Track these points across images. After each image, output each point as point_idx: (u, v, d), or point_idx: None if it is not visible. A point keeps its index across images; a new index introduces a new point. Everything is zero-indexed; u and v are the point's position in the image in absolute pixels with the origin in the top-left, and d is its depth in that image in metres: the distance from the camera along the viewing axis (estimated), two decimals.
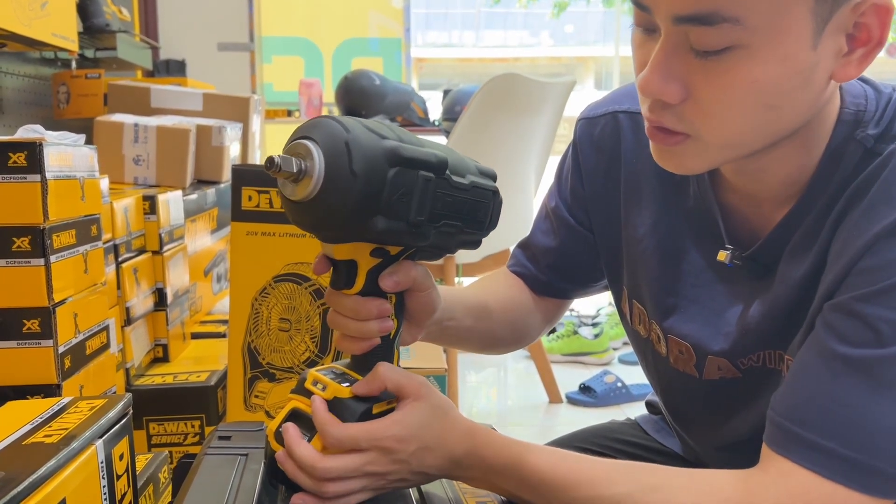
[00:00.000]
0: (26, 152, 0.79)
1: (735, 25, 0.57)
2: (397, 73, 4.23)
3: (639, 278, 0.84)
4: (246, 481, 0.64)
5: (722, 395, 0.79)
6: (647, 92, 0.63)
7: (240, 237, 0.92)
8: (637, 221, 0.83)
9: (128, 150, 1.56)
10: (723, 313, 0.76)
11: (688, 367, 0.80)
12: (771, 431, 0.64)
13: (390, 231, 0.56)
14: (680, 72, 0.61)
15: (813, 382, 0.62)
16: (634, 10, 0.63)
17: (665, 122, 0.64)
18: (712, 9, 0.57)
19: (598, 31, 13.80)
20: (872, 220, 0.61)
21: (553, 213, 0.92)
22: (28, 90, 2.09)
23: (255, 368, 0.93)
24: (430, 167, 0.58)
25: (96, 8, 2.10)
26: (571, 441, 0.99)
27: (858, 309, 0.60)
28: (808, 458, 0.60)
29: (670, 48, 0.61)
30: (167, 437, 1.10)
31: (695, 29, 0.59)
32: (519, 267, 0.96)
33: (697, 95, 0.62)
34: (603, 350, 2.89)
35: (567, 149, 0.92)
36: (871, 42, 0.61)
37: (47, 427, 0.61)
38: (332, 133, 0.53)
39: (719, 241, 0.75)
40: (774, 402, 0.65)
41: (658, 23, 0.61)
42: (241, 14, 3.53)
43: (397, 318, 0.65)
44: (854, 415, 0.59)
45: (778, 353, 0.73)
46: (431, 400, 0.64)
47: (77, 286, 0.87)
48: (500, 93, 2.13)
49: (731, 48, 0.59)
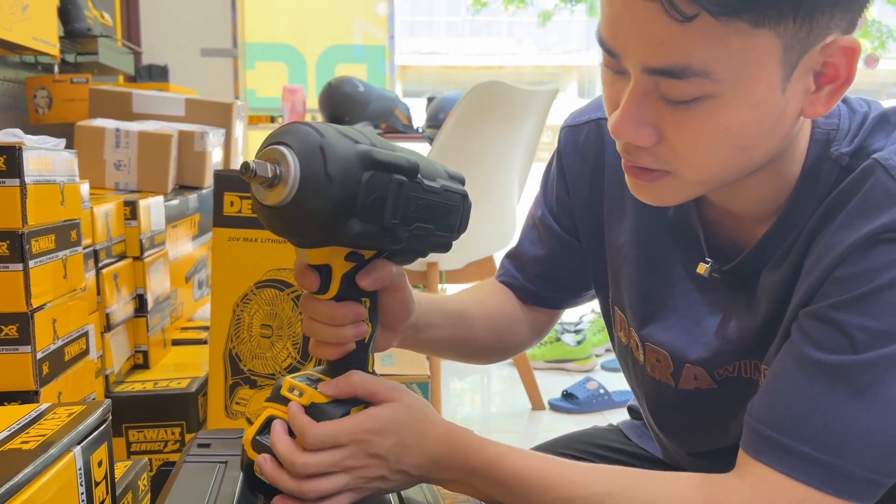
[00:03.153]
0: (5, 156, 0.78)
1: (705, 79, 0.57)
2: (381, 79, 4.23)
3: (620, 286, 0.84)
4: (225, 489, 0.64)
5: (698, 405, 0.79)
6: (619, 136, 0.64)
7: (222, 243, 0.92)
8: (619, 229, 0.83)
9: (109, 155, 1.55)
10: (701, 323, 0.77)
11: (664, 376, 0.81)
12: (747, 436, 0.65)
13: (365, 234, 0.56)
14: (651, 117, 0.62)
15: (789, 388, 0.62)
16: (603, 53, 0.63)
17: (641, 162, 0.65)
18: (683, 63, 0.57)
19: (581, 39, 13.89)
20: (849, 231, 0.62)
21: (540, 222, 0.92)
22: (8, 94, 2.08)
23: (236, 375, 0.93)
24: (403, 171, 0.58)
25: (77, 12, 2.08)
26: (554, 447, 0.99)
27: (833, 316, 0.61)
28: (783, 462, 0.61)
29: (640, 94, 0.61)
30: (147, 445, 1.09)
31: (665, 80, 0.59)
32: (507, 277, 0.95)
33: (669, 139, 0.62)
34: (585, 357, 2.89)
35: (552, 157, 0.92)
36: (838, 80, 0.61)
37: (24, 433, 0.60)
38: (306, 138, 0.53)
39: (699, 253, 0.76)
40: (751, 408, 0.65)
41: (628, 69, 0.61)
42: (225, 20, 3.53)
43: (371, 322, 0.65)
44: (828, 419, 0.60)
45: (754, 363, 0.74)
46: (406, 400, 0.64)
47: (56, 292, 0.86)
48: (483, 100, 2.13)
49: (702, 98, 0.59)
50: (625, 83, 0.62)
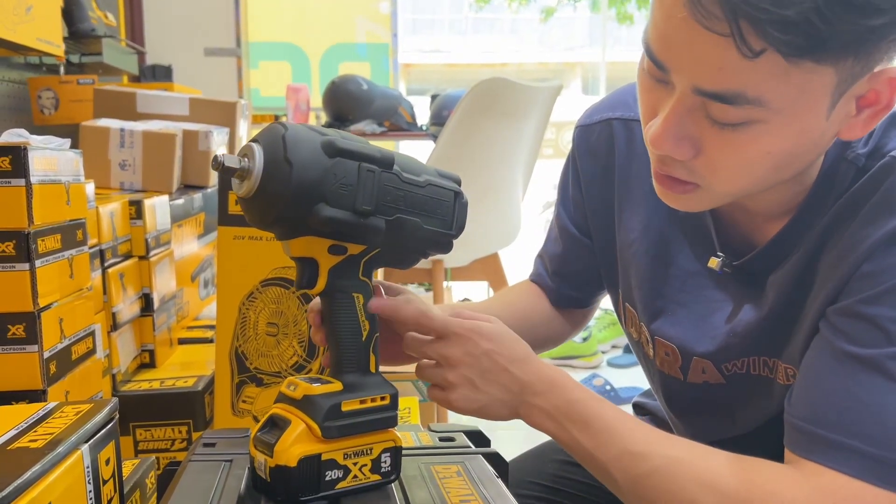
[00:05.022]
0: (10, 156, 0.79)
1: (757, 107, 0.57)
2: (385, 78, 4.23)
3: (630, 281, 0.85)
4: (230, 486, 0.64)
5: (706, 399, 0.79)
6: (657, 148, 0.63)
7: (227, 241, 0.92)
8: (629, 225, 0.84)
9: (114, 155, 1.55)
10: (710, 317, 0.77)
11: (673, 370, 0.81)
12: (792, 436, 0.64)
13: (337, 220, 0.58)
14: (692, 132, 0.62)
15: (828, 384, 0.62)
16: (647, 59, 0.62)
17: (675, 173, 0.65)
18: (738, 90, 0.57)
19: (584, 36, 13.86)
20: (873, 227, 0.62)
21: (557, 220, 0.96)
22: (13, 95, 2.08)
23: (242, 373, 0.93)
24: (374, 160, 0.60)
25: (82, 13, 2.08)
26: None
27: (865, 311, 0.62)
28: (833, 459, 0.61)
29: (685, 110, 0.61)
30: (154, 443, 1.09)
31: (714, 103, 0.58)
32: (536, 276, 1.00)
33: (709, 155, 0.62)
34: (592, 353, 2.89)
35: (567, 157, 0.94)
36: (878, 105, 0.61)
37: (32, 432, 0.60)
38: (272, 132, 0.58)
39: (710, 248, 0.77)
40: (791, 407, 0.65)
41: (674, 82, 0.61)
42: (228, 19, 3.53)
43: (369, 320, 0.66)
44: (874, 412, 0.60)
45: (762, 359, 0.74)
46: (502, 326, 0.68)
47: (62, 291, 0.87)
48: (487, 97, 2.13)
49: (749, 122, 0.59)
50: (666, 93, 0.62)
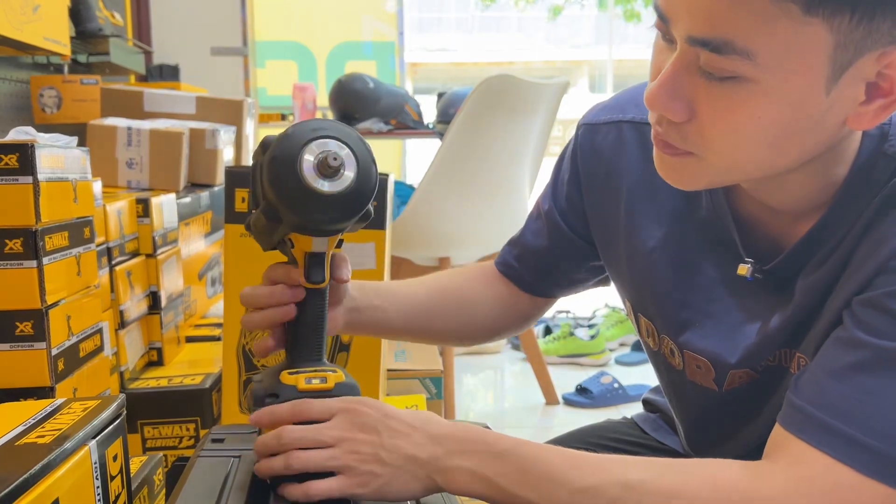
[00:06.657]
0: (18, 154, 0.79)
1: (746, 60, 0.56)
2: (391, 76, 4.23)
3: (644, 292, 0.82)
4: (238, 482, 0.64)
5: (739, 401, 0.78)
6: (651, 106, 0.63)
7: (233, 239, 0.92)
8: (645, 235, 0.80)
9: (121, 154, 1.55)
10: (740, 327, 0.75)
11: (706, 381, 0.79)
12: (788, 413, 0.63)
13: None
14: (687, 91, 0.61)
15: (840, 372, 0.61)
16: (657, 18, 0.62)
17: (669, 138, 0.64)
18: (726, 38, 0.56)
19: (591, 34, 13.83)
20: None
21: (546, 215, 0.91)
22: (17, 94, 2.09)
23: (249, 371, 0.93)
24: None
25: (89, 12, 2.09)
26: (568, 440, 0.98)
27: (890, 305, 0.61)
28: (825, 442, 0.60)
29: (681, 66, 0.60)
30: (162, 441, 1.09)
31: (706, 53, 0.58)
32: (504, 266, 0.96)
33: (701, 117, 0.61)
34: (599, 351, 2.89)
35: (564, 151, 0.90)
36: (891, 96, 0.59)
37: (40, 428, 0.60)
38: (345, 130, 0.62)
39: (734, 254, 0.74)
40: (796, 387, 0.64)
41: (675, 37, 0.61)
42: (235, 18, 3.53)
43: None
44: (881, 405, 0.59)
45: (784, 351, 0.73)
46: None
47: (70, 288, 0.87)
48: (493, 94, 2.13)
49: (739, 79, 0.58)
50: (671, 53, 0.62)
